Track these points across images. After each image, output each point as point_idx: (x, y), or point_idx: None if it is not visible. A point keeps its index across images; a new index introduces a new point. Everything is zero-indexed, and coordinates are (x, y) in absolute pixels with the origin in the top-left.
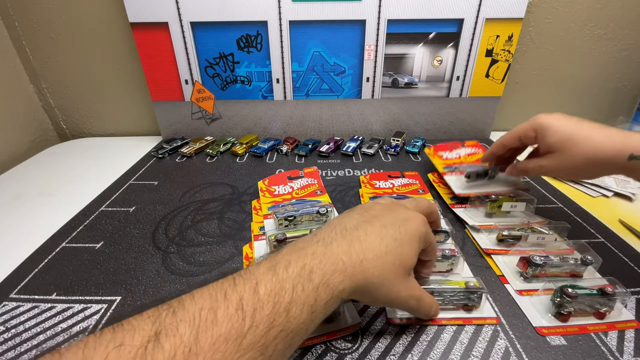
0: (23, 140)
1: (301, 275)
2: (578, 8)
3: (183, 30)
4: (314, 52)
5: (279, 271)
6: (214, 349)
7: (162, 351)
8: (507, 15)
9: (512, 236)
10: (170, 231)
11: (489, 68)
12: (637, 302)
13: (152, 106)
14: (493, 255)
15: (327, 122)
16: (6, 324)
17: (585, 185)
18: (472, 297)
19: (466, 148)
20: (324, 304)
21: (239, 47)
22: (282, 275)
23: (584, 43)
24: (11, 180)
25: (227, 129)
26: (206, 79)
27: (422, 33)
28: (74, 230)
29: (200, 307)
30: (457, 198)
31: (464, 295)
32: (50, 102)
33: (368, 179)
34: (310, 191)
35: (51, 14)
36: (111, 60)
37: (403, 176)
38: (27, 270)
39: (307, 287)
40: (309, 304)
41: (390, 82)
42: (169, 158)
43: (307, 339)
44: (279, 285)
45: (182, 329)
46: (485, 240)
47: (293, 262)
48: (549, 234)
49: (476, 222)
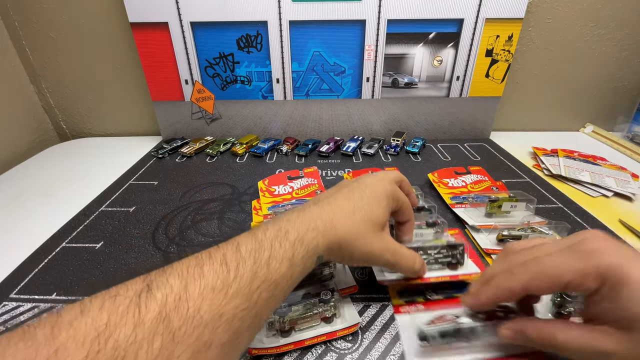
0: (23, 140)
1: (278, 236)
2: (578, 8)
3: (183, 30)
4: (314, 52)
5: (258, 234)
6: (203, 296)
7: (154, 299)
8: (507, 15)
9: (512, 236)
10: (170, 231)
11: (489, 68)
12: None
13: (152, 106)
14: (493, 255)
15: (327, 122)
16: (6, 324)
17: (585, 185)
18: (454, 253)
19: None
20: (301, 258)
21: (239, 47)
22: (261, 237)
23: (584, 43)
24: (11, 180)
25: (227, 129)
26: (206, 79)
27: (422, 33)
28: (74, 230)
29: (187, 265)
30: (457, 198)
31: (446, 251)
32: (50, 102)
33: (351, 176)
34: (311, 191)
35: (51, 14)
36: (111, 60)
37: None
38: (27, 270)
39: (284, 244)
40: (287, 257)
41: (390, 82)
42: (169, 158)
43: (307, 339)
44: (258, 244)
45: (171, 280)
46: (485, 241)
47: (270, 227)
48: (550, 234)
49: (476, 222)
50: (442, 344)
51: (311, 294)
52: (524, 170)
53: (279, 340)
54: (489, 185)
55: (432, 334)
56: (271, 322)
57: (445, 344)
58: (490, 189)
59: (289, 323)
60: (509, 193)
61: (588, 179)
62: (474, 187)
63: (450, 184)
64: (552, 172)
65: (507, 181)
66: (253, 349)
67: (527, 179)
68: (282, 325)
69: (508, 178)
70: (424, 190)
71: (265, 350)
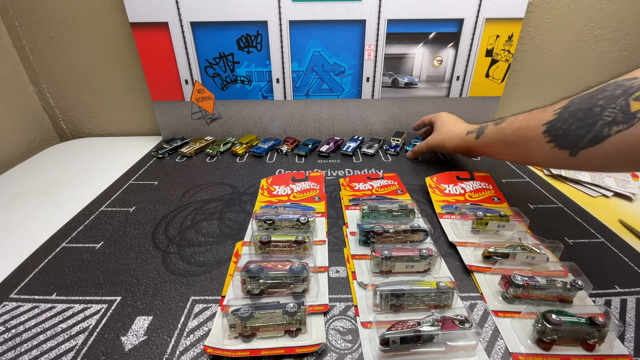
0: (23, 140)
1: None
2: (578, 8)
3: (183, 30)
4: (314, 52)
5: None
6: None
7: None
8: (507, 15)
9: (498, 253)
10: (170, 231)
11: (489, 68)
12: (637, 302)
13: (152, 106)
14: (476, 273)
15: (327, 122)
16: (6, 324)
17: (585, 185)
18: (443, 297)
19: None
20: None
21: (239, 47)
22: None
23: (584, 43)
24: (11, 180)
25: (227, 129)
26: (206, 79)
27: (422, 33)
28: (74, 230)
29: None
30: (449, 207)
31: (435, 295)
32: (50, 102)
33: (347, 182)
34: (309, 196)
35: (51, 14)
36: (111, 60)
37: (382, 178)
38: (27, 270)
39: None
40: None
41: (390, 82)
42: (169, 158)
43: (265, 348)
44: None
45: None
46: (470, 257)
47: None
48: (541, 253)
49: (458, 237)
50: (402, 349)
51: (279, 304)
52: (524, 170)
53: (238, 344)
54: (490, 195)
55: (393, 339)
56: (233, 324)
57: (404, 349)
58: (491, 200)
59: (251, 329)
60: (501, 212)
61: (588, 179)
62: (473, 195)
63: (447, 191)
64: (552, 172)
65: (507, 181)
66: (208, 347)
67: (527, 179)
68: (245, 329)
69: (508, 178)
70: (419, 197)
71: (221, 352)
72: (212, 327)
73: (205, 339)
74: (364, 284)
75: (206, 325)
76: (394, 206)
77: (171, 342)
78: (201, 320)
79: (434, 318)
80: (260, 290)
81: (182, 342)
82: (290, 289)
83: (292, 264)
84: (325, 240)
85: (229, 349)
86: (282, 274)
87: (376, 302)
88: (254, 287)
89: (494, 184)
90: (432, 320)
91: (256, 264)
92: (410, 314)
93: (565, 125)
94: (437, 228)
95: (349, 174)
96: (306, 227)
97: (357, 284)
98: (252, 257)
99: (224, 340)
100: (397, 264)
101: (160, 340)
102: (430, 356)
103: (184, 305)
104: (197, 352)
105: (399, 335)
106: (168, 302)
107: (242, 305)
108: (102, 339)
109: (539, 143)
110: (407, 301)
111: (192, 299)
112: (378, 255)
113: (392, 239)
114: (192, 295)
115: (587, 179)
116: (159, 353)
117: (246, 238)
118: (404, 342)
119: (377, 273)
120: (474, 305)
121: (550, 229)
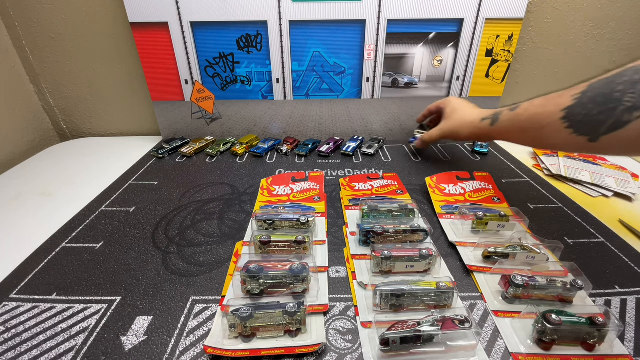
0: (23, 140)
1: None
2: (578, 8)
3: (183, 30)
4: (314, 52)
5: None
6: None
7: None
8: (507, 15)
9: (498, 253)
10: (170, 231)
11: (489, 68)
12: (637, 302)
13: (152, 106)
14: (476, 273)
15: (327, 122)
16: (6, 324)
17: (585, 185)
18: (443, 297)
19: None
20: None
21: (239, 47)
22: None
23: (584, 43)
24: (11, 180)
25: (227, 129)
26: (206, 79)
27: (422, 33)
28: (74, 230)
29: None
30: (449, 207)
31: (435, 295)
32: (50, 102)
33: (347, 182)
34: (309, 196)
35: (51, 14)
36: (111, 60)
37: (382, 178)
38: (27, 270)
39: None
40: None
41: (390, 82)
42: (169, 158)
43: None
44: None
45: None
46: (470, 257)
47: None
48: (541, 253)
49: (458, 237)
50: (402, 349)
51: (279, 304)
52: (524, 170)
53: (238, 344)
54: (490, 194)
55: (394, 339)
56: (233, 324)
57: (404, 349)
58: (491, 200)
59: (251, 329)
60: (501, 212)
61: (588, 179)
62: (473, 195)
63: (447, 191)
64: (552, 172)
65: (507, 181)
66: (208, 347)
67: (527, 179)
68: (245, 329)
69: (508, 178)
70: (419, 197)
71: (221, 352)
72: (212, 327)
73: (205, 339)
74: (364, 284)
75: (206, 325)
76: (394, 206)
77: (171, 342)
78: (201, 320)
79: (434, 318)
80: (260, 290)
81: (182, 342)
82: (290, 289)
83: (292, 264)
84: (325, 240)
85: (229, 349)
86: (282, 274)
87: (376, 302)
88: (254, 287)
89: (494, 184)
90: (432, 320)
91: (256, 264)
92: (410, 314)
93: (584, 111)
94: (437, 228)
95: (349, 174)
96: (306, 227)
97: (357, 284)
98: (252, 257)
99: (224, 340)
100: (397, 264)
101: (160, 340)
102: (430, 356)
103: (184, 305)
104: (197, 352)
105: (399, 335)
106: (168, 302)
107: (242, 305)
108: (102, 339)
109: (557, 129)
110: (407, 301)
111: (192, 299)
112: (378, 255)
113: (392, 239)
114: (192, 295)
115: (587, 179)
116: (159, 353)
117: (246, 238)
118: (404, 342)
119: (377, 273)
120: (474, 305)
121: (550, 229)
